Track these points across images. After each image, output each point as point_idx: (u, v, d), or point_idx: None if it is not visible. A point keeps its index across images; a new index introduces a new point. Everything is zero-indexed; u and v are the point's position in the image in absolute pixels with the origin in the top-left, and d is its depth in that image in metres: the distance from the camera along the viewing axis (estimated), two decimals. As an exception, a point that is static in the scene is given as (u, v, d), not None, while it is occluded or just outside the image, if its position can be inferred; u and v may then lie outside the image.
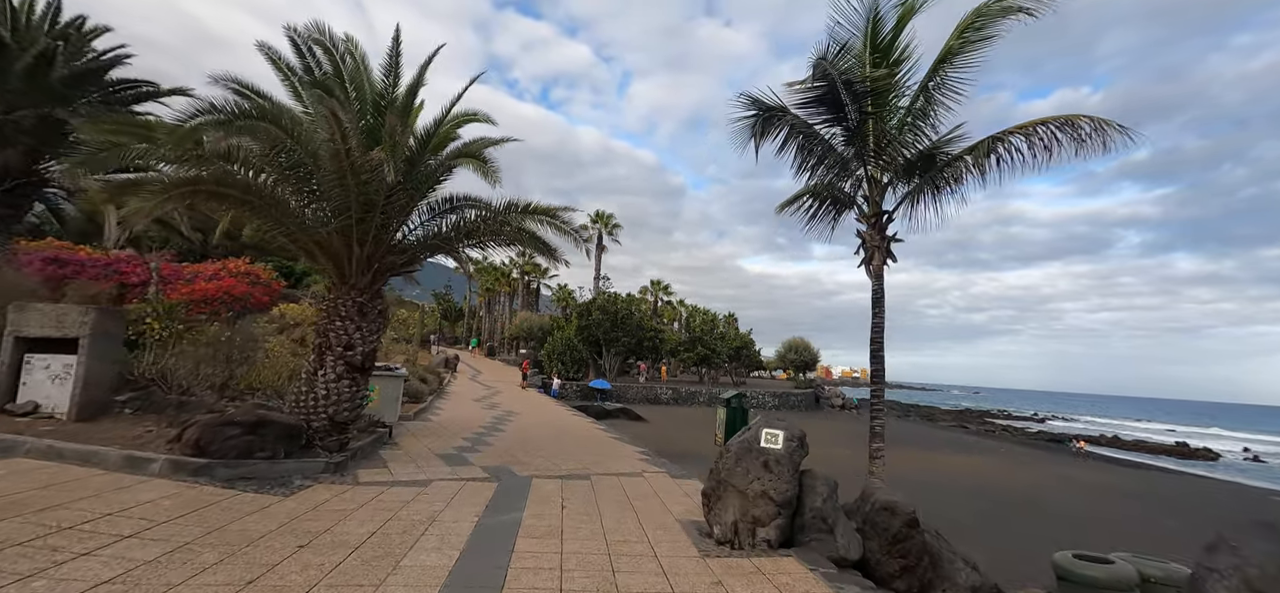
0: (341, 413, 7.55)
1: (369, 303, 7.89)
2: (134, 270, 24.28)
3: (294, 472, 6.68)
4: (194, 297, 24.47)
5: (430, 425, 12.63)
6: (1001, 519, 12.41)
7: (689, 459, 14.00)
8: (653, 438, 17.60)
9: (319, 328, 7.76)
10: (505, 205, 8.72)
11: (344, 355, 7.61)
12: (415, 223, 8.92)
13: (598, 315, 40.09)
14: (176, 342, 12.01)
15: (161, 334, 12.13)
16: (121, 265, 18.24)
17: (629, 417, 26.83)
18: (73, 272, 15.97)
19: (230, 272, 29.40)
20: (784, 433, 5.27)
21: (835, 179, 9.57)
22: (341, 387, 7.57)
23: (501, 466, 8.47)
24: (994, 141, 7.87)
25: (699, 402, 38.23)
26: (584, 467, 8.83)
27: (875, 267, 8.88)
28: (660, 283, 59.29)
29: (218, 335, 12.10)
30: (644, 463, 9.56)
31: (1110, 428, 59.60)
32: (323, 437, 7.47)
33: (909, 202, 9.12)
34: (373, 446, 9.05)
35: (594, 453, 10.36)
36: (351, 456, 7.85)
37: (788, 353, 53.48)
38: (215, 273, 28.90)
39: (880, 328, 8.73)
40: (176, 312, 14.38)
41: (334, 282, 7.94)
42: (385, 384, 10.69)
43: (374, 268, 7.98)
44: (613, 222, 48.35)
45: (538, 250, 9.87)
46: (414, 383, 16.45)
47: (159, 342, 11.55)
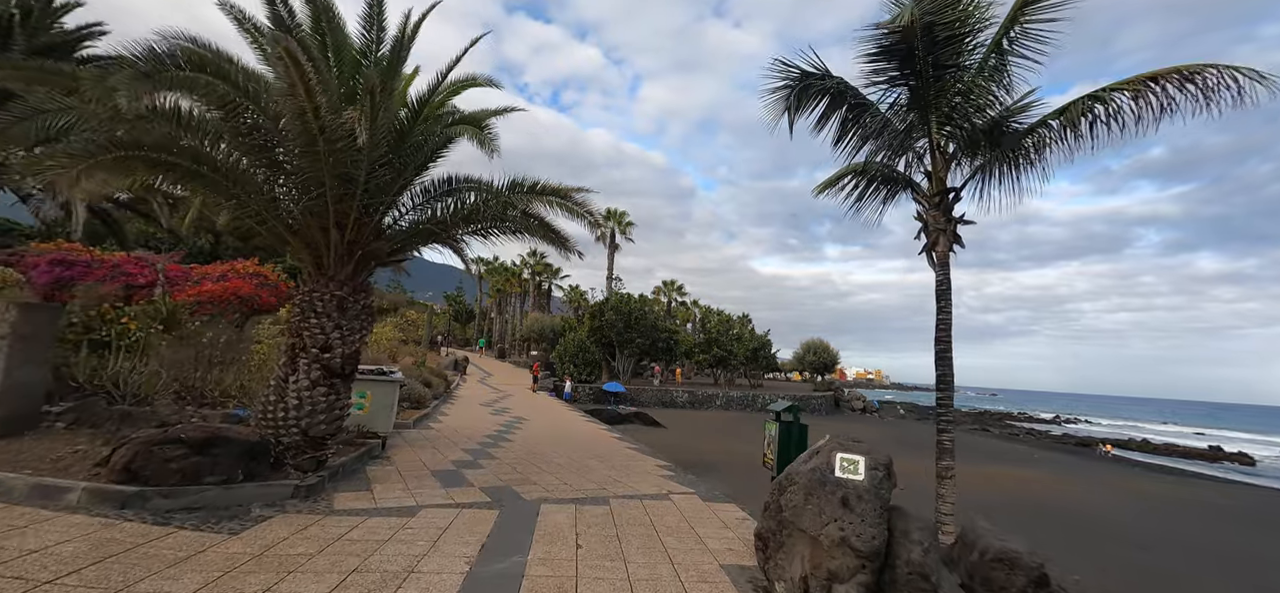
0: (316, 426, 6.41)
1: (351, 297, 6.76)
2: (141, 272, 23.59)
3: (253, 499, 5.55)
4: (201, 297, 23.78)
5: (431, 434, 11.51)
6: (1089, 547, 10.96)
7: (715, 473, 12.78)
8: (673, 447, 16.37)
9: (291, 326, 6.65)
10: (509, 185, 7.56)
11: (320, 358, 6.48)
12: (407, 206, 7.79)
13: (611, 316, 38.91)
14: (157, 343, 11.06)
15: (139, 335, 11.18)
16: (128, 267, 17.62)
17: (645, 422, 25.60)
18: (80, 273, 15.35)
19: (238, 272, 28.71)
20: (866, 459, 4.02)
21: (889, 153, 8.27)
22: (317, 395, 6.44)
23: (505, 486, 7.30)
24: (1091, 101, 6.55)
25: (716, 405, 36.91)
26: (600, 486, 7.63)
27: (939, 253, 7.59)
28: (674, 283, 58.01)
29: (200, 335, 11.09)
30: (668, 480, 8.35)
31: (1134, 431, 57.15)
32: (294, 454, 6.34)
33: (979, 177, 7.80)
34: (359, 461, 7.92)
35: (611, 467, 9.16)
36: (331, 475, 6.72)
37: (806, 354, 51.91)
38: (223, 274, 28.21)
39: (947, 325, 7.44)
40: (179, 312, 13.63)
41: (309, 272, 6.83)
42: (378, 390, 9.58)
43: (356, 256, 6.85)
44: (626, 220, 47.13)
45: (547, 240, 8.71)
46: (416, 387, 15.38)
47: (135, 344, 10.58)
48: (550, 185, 7.58)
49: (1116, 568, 9.89)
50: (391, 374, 10.01)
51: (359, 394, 9.45)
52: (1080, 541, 11.42)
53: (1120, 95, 6.40)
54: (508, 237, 8.46)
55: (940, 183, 7.79)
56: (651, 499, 7.07)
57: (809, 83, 8.15)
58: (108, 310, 11.50)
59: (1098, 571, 9.46)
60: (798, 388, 50.30)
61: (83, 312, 11.07)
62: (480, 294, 65.71)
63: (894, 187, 8.93)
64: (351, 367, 6.83)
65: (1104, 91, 6.51)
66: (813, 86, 8.20)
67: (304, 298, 6.63)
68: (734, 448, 18.33)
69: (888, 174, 8.89)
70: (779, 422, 5.18)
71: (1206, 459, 38.47)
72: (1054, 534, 11.58)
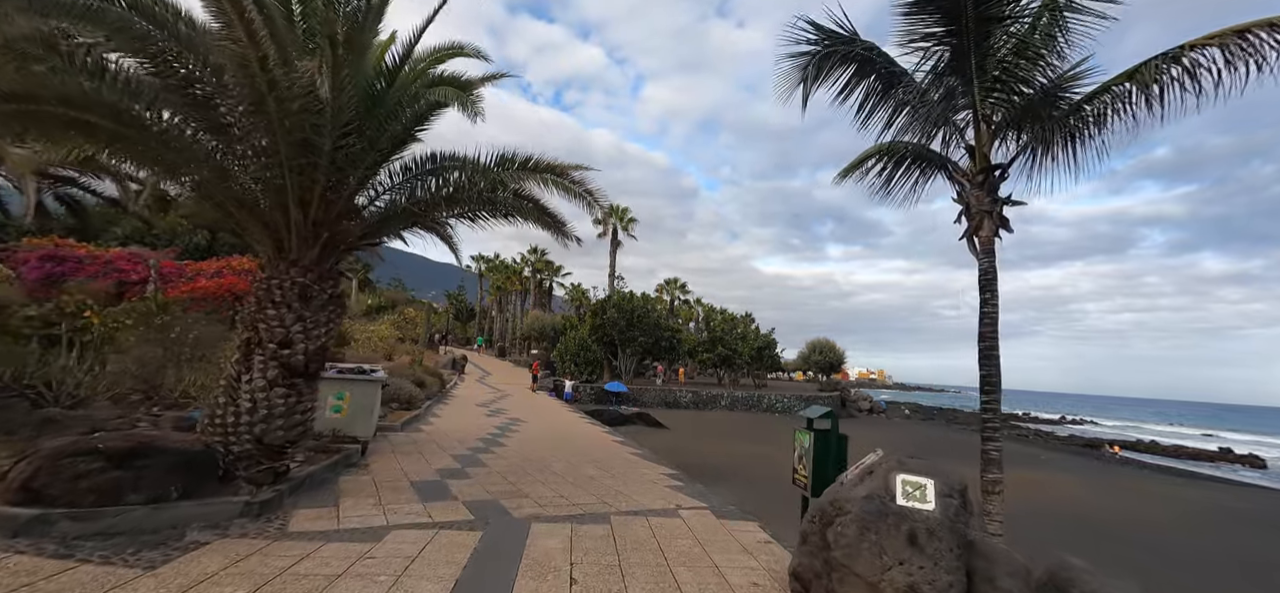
0: (273, 432, 5.56)
1: (316, 285, 5.91)
2: (134, 268, 22.82)
3: (190, 520, 4.70)
4: (194, 294, 22.99)
5: (418, 439, 10.66)
6: (1146, 564, 10.06)
7: (725, 481, 11.91)
8: (678, 451, 15.51)
9: (246, 318, 5.80)
10: (497, 160, 6.70)
11: (278, 355, 5.62)
12: (384, 185, 6.94)
13: (613, 314, 38.03)
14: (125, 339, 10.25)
15: (101, 330, 10.37)
16: (121, 263, 16.97)
17: (648, 423, 24.76)
18: (71, 269, 14.72)
19: (233, 269, 27.97)
20: (934, 483, 3.16)
21: (923, 128, 7.39)
22: (274, 397, 5.59)
23: (492, 500, 6.44)
24: (1167, 61, 5.65)
25: (721, 406, 36.04)
26: (600, 500, 6.77)
27: (983, 238, 6.71)
28: (676, 281, 57.04)
29: (167, 331, 10.26)
30: (676, 492, 7.49)
31: (1138, 432, 55.93)
32: (247, 465, 5.49)
33: (1029, 153, 6.92)
34: (331, 470, 7.08)
35: (612, 476, 8.30)
36: (293, 487, 5.88)
37: (811, 354, 50.94)
38: (218, 270, 27.44)
39: (992, 319, 6.56)
40: (170, 309, 12.95)
41: (268, 257, 5.98)
42: (357, 391, 8.74)
43: (323, 239, 6.00)
44: (628, 216, 46.23)
45: (543, 224, 7.85)
46: (407, 387, 14.54)
47: (95, 340, 9.77)
48: (544, 161, 6.72)
49: (1159, 572, 9.01)
50: (373, 373, 9.16)
51: (336, 396, 8.62)
52: (1131, 552, 10.51)
53: (1207, 50, 5.50)
54: (498, 220, 7.61)
55: (984, 159, 6.92)
56: (658, 516, 6.20)
57: (833, 48, 7.29)
58: (69, 303, 10.70)
59: (1117, 563, 8.58)
60: (802, 388, 49.38)
61: (39, 305, 10.25)
62: (481, 292, 64.92)
63: (928, 167, 8.06)
64: (317, 365, 5.98)
65: (1187, 48, 5.61)
66: (837, 52, 7.34)
67: (261, 286, 5.78)
68: (743, 452, 17.48)
69: (920, 153, 8.02)
70: (813, 431, 4.30)
71: (1217, 461, 37.49)
72: (1101, 543, 10.70)
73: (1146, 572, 9.81)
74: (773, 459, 16.63)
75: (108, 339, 10.04)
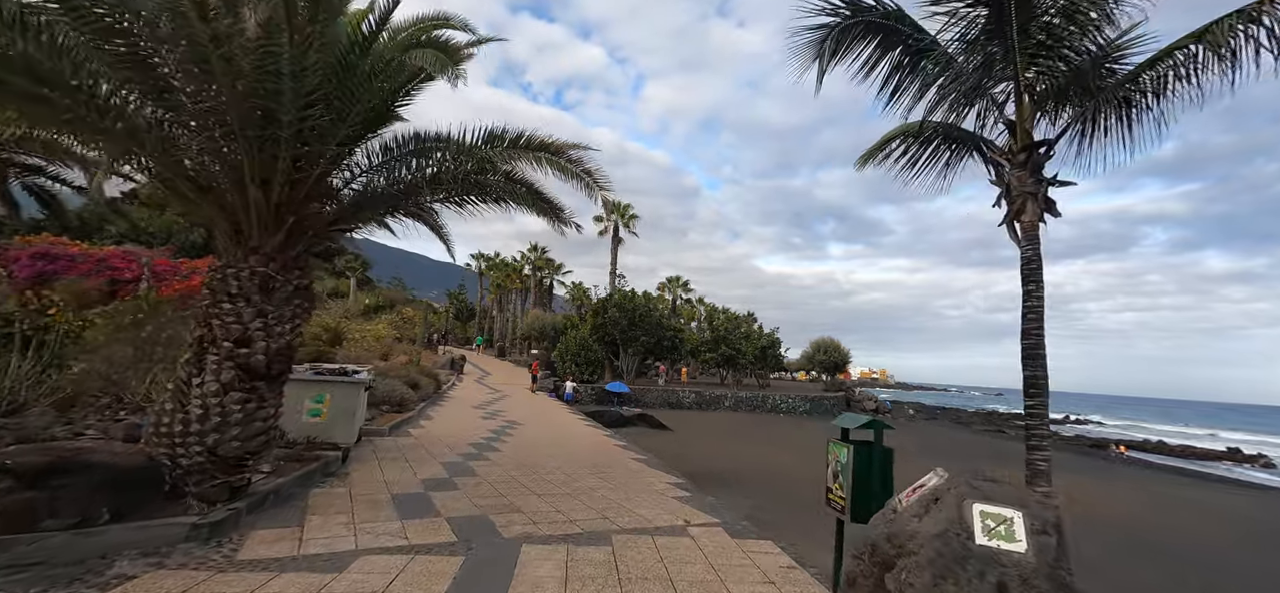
0: (228, 443, 4.89)
1: (280, 276, 5.24)
2: (127, 267, 22.22)
3: (123, 546, 4.04)
4: (189, 293, 22.40)
5: (407, 444, 10.00)
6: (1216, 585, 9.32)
7: (735, 489, 11.23)
8: (682, 455, 14.83)
9: (198, 313, 5.13)
10: (485, 137, 6.02)
11: (235, 354, 4.95)
12: (362, 166, 6.27)
13: (614, 313, 37.34)
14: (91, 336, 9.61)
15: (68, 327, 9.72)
16: (114, 262, 16.46)
17: (650, 424, 24.09)
18: (63, 268, 14.19)
19: None
20: (1023, 515, 2.48)
21: (955, 105, 6.70)
22: (230, 402, 4.92)
23: (480, 516, 5.77)
24: (1244, 19, 4.94)
25: (724, 406, 35.34)
26: (601, 515, 6.10)
27: (1026, 223, 6.03)
28: (678, 279, 56.23)
29: (137, 328, 9.60)
30: (684, 505, 6.81)
31: (1141, 431, 54.95)
32: (198, 479, 4.83)
33: (1077, 127, 6.23)
34: (304, 481, 6.42)
35: (614, 486, 7.63)
36: (254, 503, 5.22)
37: (816, 353, 50.15)
38: None
39: (1038, 313, 5.88)
40: (162, 308, 12.53)
41: (225, 243, 5.31)
42: (338, 393, 8.08)
43: (288, 224, 5.33)
44: (630, 213, 45.50)
45: (538, 210, 7.18)
46: (398, 387, 13.88)
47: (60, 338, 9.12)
48: (537, 138, 6.05)
49: None
50: (355, 374, 8.50)
51: (315, 399, 7.97)
52: (1194, 571, 9.76)
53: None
54: (489, 206, 6.94)
55: (1026, 136, 6.23)
56: (666, 535, 5.53)
57: (854, 18, 6.61)
58: (30, 299, 10.05)
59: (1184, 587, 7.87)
60: (806, 388, 48.64)
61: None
62: (481, 291, 64.28)
63: (959, 148, 7.37)
64: (282, 366, 5.31)
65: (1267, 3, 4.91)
66: (859, 23, 6.66)
67: (216, 277, 5.11)
68: (750, 455, 16.79)
69: (951, 133, 7.33)
70: (850, 443, 3.62)
71: (1225, 461, 36.74)
72: (1160, 559, 9.99)
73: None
74: (782, 463, 15.96)
75: (74, 338, 9.41)
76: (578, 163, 6.15)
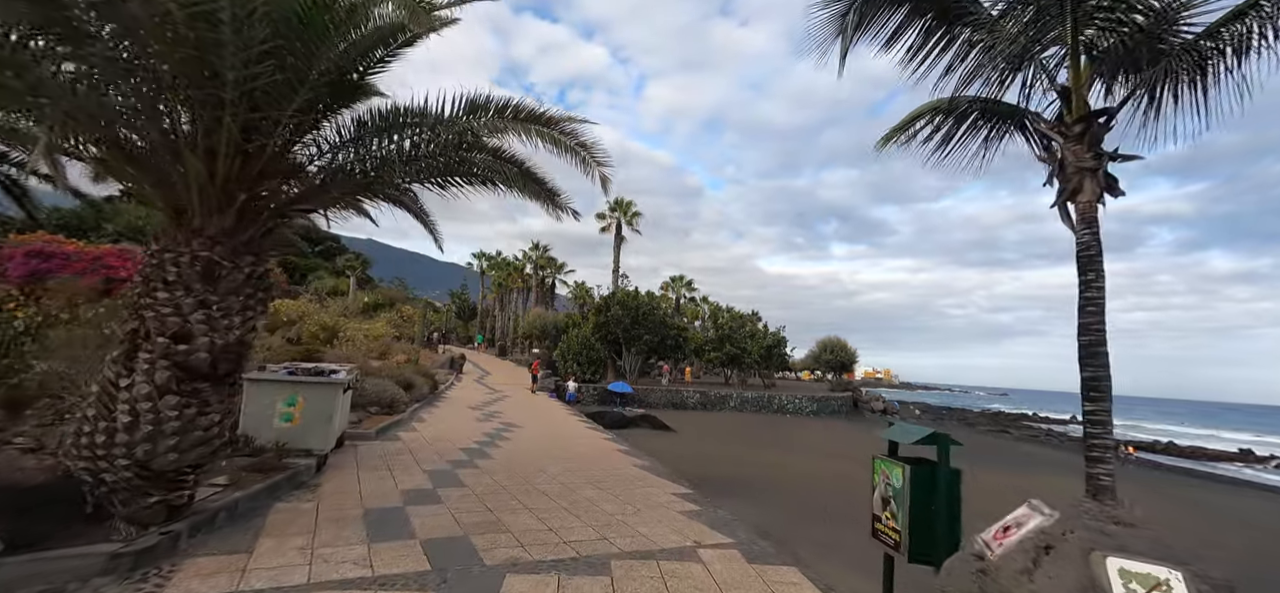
0: (163, 456, 4.19)
1: (228, 261, 4.53)
2: (123, 265, 21.69)
3: (18, 583, 3.34)
4: None
5: (393, 449, 9.29)
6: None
7: (746, 498, 10.46)
8: (687, 459, 14.09)
9: (129, 303, 4.44)
10: (466, 107, 5.30)
11: (172, 352, 4.25)
12: (331, 142, 5.55)
13: (617, 312, 36.62)
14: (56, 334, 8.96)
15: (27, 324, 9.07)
16: (110, 259, 15.93)
17: (653, 426, 23.36)
18: (58, 265, 13.66)
19: None
20: (1185, 575, 1.74)
21: (1000, 69, 5.96)
22: (165, 409, 4.21)
23: (461, 536, 5.06)
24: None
25: (729, 406, 34.56)
26: (600, 534, 5.38)
27: (1082, 204, 5.30)
28: (682, 278, 55.45)
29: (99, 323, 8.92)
30: (693, 520, 6.08)
31: (1149, 432, 53.79)
32: (126, 499, 4.12)
33: (1143, 94, 5.47)
34: (266, 496, 5.72)
35: (614, 498, 6.90)
36: (199, 524, 4.53)
37: (822, 353, 49.32)
38: None
39: (1098, 307, 5.14)
40: None
41: (165, 223, 4.61)
42: (312, 396, 7.38)
43: (238, 202, 4.62)
44: (633, 210, 44.76)
45: (531, 193, 6.47)
46: (390, 388, 13.18)
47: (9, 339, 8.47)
48: (526, 107, 5.32)
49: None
50: (332, 374, 7.80)
51: (286, 402, 7.27)
52: None
53: None
54: (474, 187, 6.23)
55: (1082, 105, 5.48)
56: (673, 559, 4.81)
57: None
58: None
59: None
60: (813, 388, 47.80)
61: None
62: (483, 290, 63.68)
63: (999, 123, 6.62)
64: (230, 365, 4.60)
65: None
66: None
67: (150, 262, 4.41)
68: (760, 460, 16.04)
69: (990, 107, 6.58)
70: (905, 462, 2.88)
71: (1237, 462, 35.77)
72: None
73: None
74: (792, 468, 15.21)
75: (33, 336, 8.75)
76: (572, 135, 5.43)
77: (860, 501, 11.87)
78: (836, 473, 15.01)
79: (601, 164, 5.62)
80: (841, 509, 10.88)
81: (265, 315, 4.90)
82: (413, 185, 6.10)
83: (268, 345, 17.41)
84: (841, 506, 11.28)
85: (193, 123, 4.34)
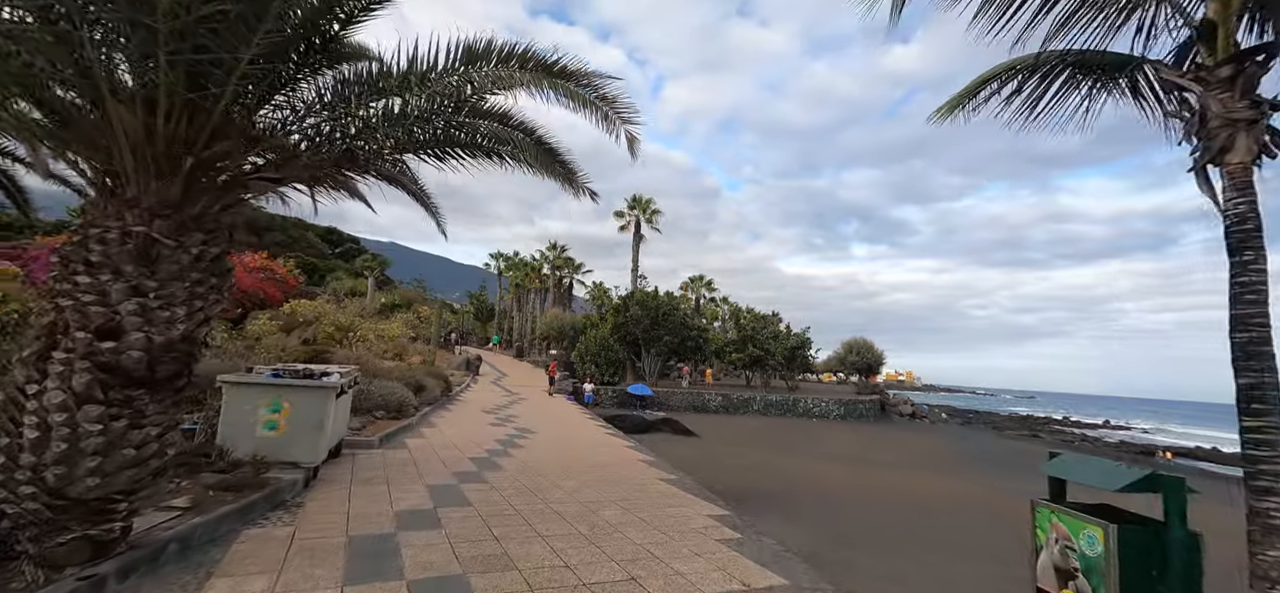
0: (81, 480, 3.34)
1: (172, 239, 3.68)
2: None
3: None
4: None
5: (397, 458, 8.46)
6: None
7: (789, 515, 9.39)
8: (715, 467, 13.07)
9: (45, 291, 3.60)
10: (464, 56, 4.38)
11: (94, 352, 3.40)
12: (308, 103, 4.69)
13: (636, 311, 35.68)
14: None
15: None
16: None
17: (675, 430, 22.36)
18: None
19: (245, 266, 26.43)
20: None
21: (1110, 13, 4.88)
22: (84, 422, 3.36)
23: (459, 576, 4.15)
24: None
25: (753, 410, 33.39)
26: (627, 573, 4.42)
27: (1233, 165, 4.22)
28: (702, 278, 54.31)
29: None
30: (736, 552, 5.09)
31: (1192, 438, 50.95)
32: (36, 534, 3.28)
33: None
34: (234, 520, 4.87)
35: (641, 521, 5.93)
36: (140, 560, 3.68)
37: (847, 354, 47.76)
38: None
39: (1259, 295, 4.04)
40: None
41: (96, 192, 3.77)
42: (299, 400, 6.55)
43: (186, 167, 3.76)
44: (652, 208, 43.78)
45: (543, 166, 5.56)
46: (398, 391, 12.40)
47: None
48: (535, 54, 4.39)
49: None
50: (324, 377, 6.96)
51: (270, 408, 6.44)
52: None
53: None
54: (478, 159, 5.32)
55: (1230, 44, 4.37)
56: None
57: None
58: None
59: None
60: (837, 390, 46.28)
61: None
62: (500, 290, 63.28)
63: (1102, 77, 5.52)
64: (173, 367, 3.73)
65: None
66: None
67: (72, 240, 3.57)
68: (793, 469, 14.92)
69: (1088, 60, 5.49)
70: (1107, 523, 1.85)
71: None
72: None
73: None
74: (832, 479, 14.06)
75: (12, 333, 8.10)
76: (591, 86, 4.50)
77: (909, 517, 10.65)
78: (877, 485, 13.87)
79: (627, 120, 4.68)
80: (894, 529, 9.80)
81: (221, 306, 4.02)
82: (406, 157, 5.22)
83: (283, 347, 16.83)
84: (893, 524, 10.19)
85: (127, 65, 3.50)
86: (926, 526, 10.29)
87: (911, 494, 13.08)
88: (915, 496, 12.97)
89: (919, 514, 11.04)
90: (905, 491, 13.51)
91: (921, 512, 11.32)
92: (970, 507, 12.22)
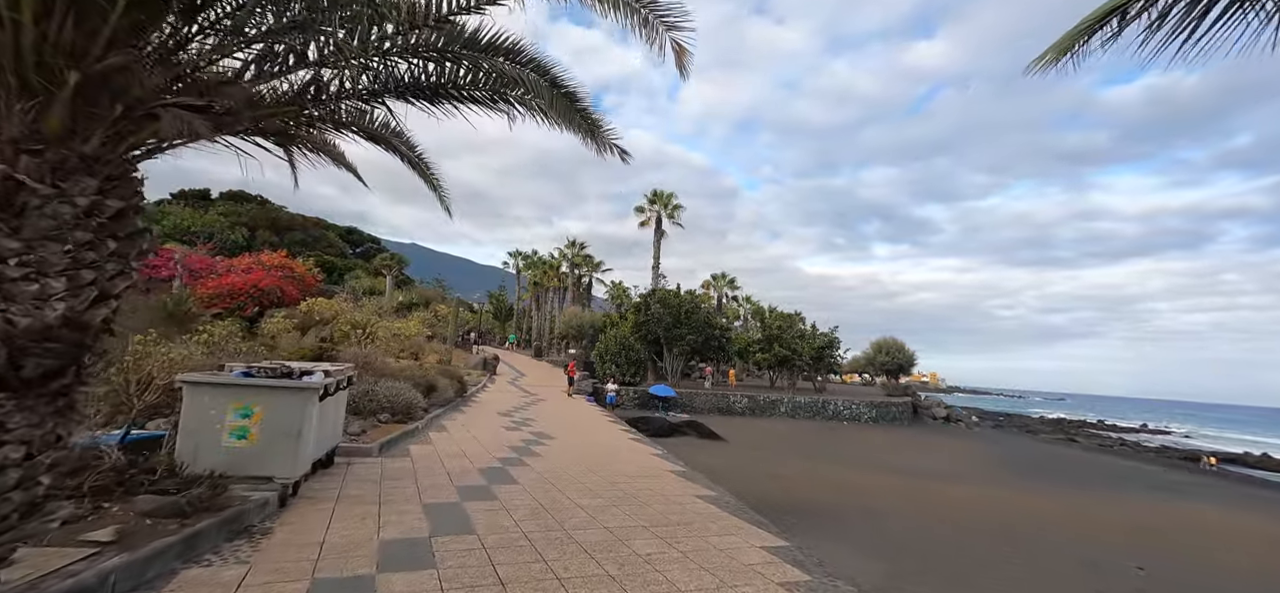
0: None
1: (46, 184, 2.63)
2: (165, 264, 20.79)
3: None
4: (221, 290, 20.82)
5: (398, 468, 7.43)
6: None
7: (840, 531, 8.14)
8: (750, 477, 11.85)
9: None
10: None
11: (-78, 336, 2.35)
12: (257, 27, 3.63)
13: (658, 310, 34.52)
14: None
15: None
16: (149, 259, 14.84)
17: (701, 433, 21.15)
18: None
19: (263, 265, 25.86)
20: None
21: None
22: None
23: (446, 650, 3.04)
24: None
25: (780, 412, 31.96)
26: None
27: None
28: (724, 276, 52.88)
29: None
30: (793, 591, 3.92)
31: (1235, 443, 47.75)
32: None
33: None
34: (174, 556, 3.84)
35: (682, 558, 4.76)
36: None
37: (877, 355, 45.93)
38: (248, 266, 25.31)
39: None
40: (184, 302, 11.38)
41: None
42: (274, 404, 5.53)
43: (71, 83, 2.72)
44: (673, 203, 42.54)
45: (560, 116, 4.46)
46: (406, 392, 11.44)
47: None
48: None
49: None
50: (304, 377, 5.94)
51: (239, 413, 5.44)
52: None
53: None
54: (480, 107, 4.24)
55: None
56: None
57: None
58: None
59: None
60: (866, 392, 44.58)
61: None
62: (518, 289, 62.68)
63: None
64: (52, 363, 2.70)
65: None
66: None
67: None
68: (840, 480, 13.57)
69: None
70: None
71: None
72: None
73: None
74: (878, 491, 12.68)
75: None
76: None
77: (994, 540, 9.16)
78: (939, 499, 12.48)
79: (673, 25, 3.52)
80: (981, 556, 8.49)
81: (128, 281, 2.98)
82: (387, 102, 4.14)
83: (300, 347, 16.10)
84: (979, 549, 8.87)
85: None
86: (1019, 550, 8.95)
87: (982, 511, 11.68)
88: (987, 512, 11.57)
89: (1003, 537, 9.66)
90: (973, 506, 12.11)
91: (1004, 534, 9.95)
92: (1056, 526, 10.83)
